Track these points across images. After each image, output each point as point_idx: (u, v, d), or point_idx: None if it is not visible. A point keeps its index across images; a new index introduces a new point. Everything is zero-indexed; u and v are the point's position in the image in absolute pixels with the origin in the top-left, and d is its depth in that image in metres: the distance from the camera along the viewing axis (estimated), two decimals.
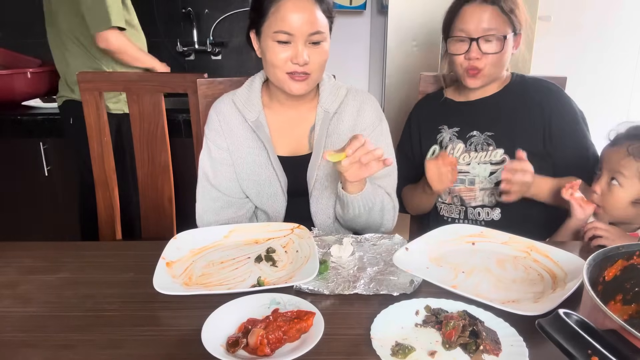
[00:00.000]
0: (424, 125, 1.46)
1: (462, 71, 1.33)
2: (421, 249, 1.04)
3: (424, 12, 2.12)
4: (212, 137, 1.29)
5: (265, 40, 1.17)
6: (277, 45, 1.15)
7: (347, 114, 1.27)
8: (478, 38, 1.28)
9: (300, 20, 1.13)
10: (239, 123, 1.27)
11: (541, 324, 0.60)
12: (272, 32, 1.14)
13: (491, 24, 1.27)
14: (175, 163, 1.60)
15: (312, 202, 1.28)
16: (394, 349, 0.72)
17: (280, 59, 1.15)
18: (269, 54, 1.16)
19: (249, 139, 1.27)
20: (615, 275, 0.76)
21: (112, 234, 1.62)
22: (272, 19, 1.14)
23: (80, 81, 1.51)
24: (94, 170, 1.58)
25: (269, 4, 1.14)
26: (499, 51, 1.29)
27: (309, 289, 0.89)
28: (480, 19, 1.27)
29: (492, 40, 1.28)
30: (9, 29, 2.66)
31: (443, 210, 1.44)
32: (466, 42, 1.30)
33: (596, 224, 1.13)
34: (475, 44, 1.28)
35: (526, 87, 1.38)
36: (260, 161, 1.27)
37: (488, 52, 1.29)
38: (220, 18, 2.68)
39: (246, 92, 1.29)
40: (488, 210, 1.37)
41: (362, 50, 2.84)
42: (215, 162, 1.28)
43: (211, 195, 1.29)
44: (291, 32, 1.13)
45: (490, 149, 1.35)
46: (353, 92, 1.30)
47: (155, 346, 0.76)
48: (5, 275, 0.98)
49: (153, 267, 0.95)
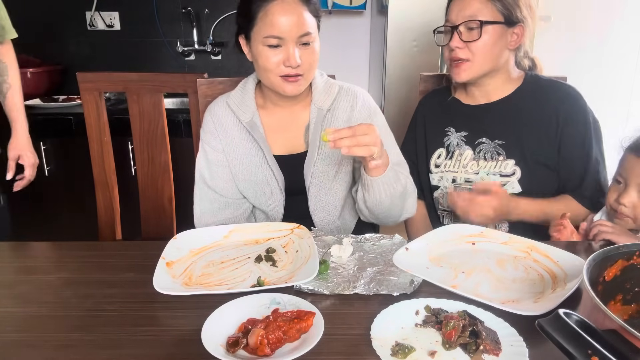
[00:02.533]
0: (430, 123, 1.41)
1: (448, 64, 1.28)
2: (421, 249, 1.04)
3: (424, 12, 2.12)
4: (207, 140, 1.30)
5: (255, 45, 1.17)
6: (269, 49, 1.15)
7: (340, 110, 1.28)
8: (458, 25, 1.22)
9: (290, 23, 1.13)
10: (233, 124, 1.28)
11: (541, 324, 0.60)
12: (263, 37, 1.14)
13: (473, 11, 1.21)
14: (175, 163, 1.60)
15: (310, 200, 1.29)
16: (394, 349, 0.72)
17: (273, 63, 1.15)
18: (261, 58, 1.17)
19: (244, 140, 1.28)
20: (615, 275, 0.76)
21: (112, 234, 1.62)
22: (261, 24, 1.14)
23: (80, 81, 1.51)
24: (94, 170, 1.58)
25: (257, 9, 1.14)
26: (478, 38, 1.21)
27: (309, 289, 0.89)
28: (463, 6, 1.22)
29: (474, 28, 1.21)
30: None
31: (446, 219, 1.41)
32: (449, 32, 1.25)
33: (601, 221, 1.12)
34: (457, 33, 1.23)
35: (541, 90, 1.30)
36: (256, 161, 1.27)
37: (468, 40, 1.22)
38: (220, 18, 2.69)
39: (240, 94, 1.29)
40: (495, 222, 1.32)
41: (362, 50, 2.84)
42: (211, 164, 1.29)
43: (208, 196, 1.29)
44: (281, 36, 1.13)
45: (501, 159, 1.30)
46: (345, 89, 1.31)
47: (155, 346, 0.76)
48: (5, 275, 0.98)
49: (153, 267, 0.95)
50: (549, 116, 1.27)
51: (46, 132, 2.23)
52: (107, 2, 2.65)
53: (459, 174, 1.35)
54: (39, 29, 2.67)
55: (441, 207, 1.41)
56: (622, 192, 1.14)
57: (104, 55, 2.73)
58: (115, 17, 2.69)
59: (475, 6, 1.22)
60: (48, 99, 2.45)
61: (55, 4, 2.64)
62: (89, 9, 2.66)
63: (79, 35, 2.70)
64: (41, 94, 2.51)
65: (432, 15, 2.08)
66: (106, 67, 2.64)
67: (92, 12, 2.67)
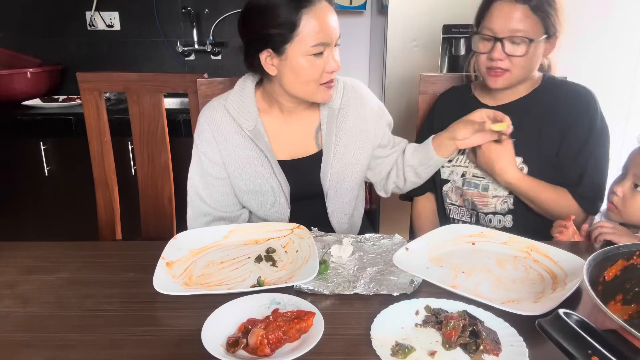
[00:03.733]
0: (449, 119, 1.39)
1: (484, 70, 1.27)
2: (421, 249, 1.04)
3: (424, 12, 2.11)
4: (203, 149, 1.22)
5: (293, 58, 1.09)
6: (314, 58, 1.09)
7: (351, 108, 1.26)
8: (503, 38, 1.20)
9: (334, 25, 1.09)
10: (234, 132, 1.20)
11: (541, 324, 0.60)
12: (310, 46, 1.07)
13: (519, 25, 1.18)
14: (175, 163, 1.60)
15: (329, 202, 1.26)
16: (394, 349, 0.72)
17: (317, 72, 1.10)
18: (304, 71, 1.10)
19: (247, 149, 1.21)
20: (615, 275, 0.76)
21: (112, 234, 1.62)
22: (305, 33, 1.07)
23: (80, 81, 1.51)
24: (94, 170, 1.58)
25: (297, 18, 1.06)
26: (523, 54, 1.20)
27: (309, 289, 0.89)
28: (508, 18, 1.18)
29: (518, 43, 1.19)
30: (9, 29, 2.66)
31: (453, 212, 1.41)
32: (491, 41, 1.22)
33: (603, 223, 1.12)
34: (500, 45, 1.20)
35: (557, 92, 1.31)
36: (261, 172, 1.21)
37: (513, 55, 1.20)
38: (220, 18, 2.68)
39: (238, 98, 1.21)
40: (500, 217, 1.33)
41: (362, 50, 2.84)
42: (208, 177, 1.23)
43: (201, 210, 1.24)
44: (329, 42, 1.09)
45: None
46: (349, 85, 1.29)
47: (155, 346, 0.76)
48: (5, 275, 0.98)
49: (153, 267, 0.95)
50: (562, 116, 1.28)
51: (46, 132, 2.23)
52: (107, 2, 2.65)
53: (469, 169, 1.36)
54: (39, 29, 2.67)
55: (449, 200, 1.42)
56: (619, 181, 1.15)
57: (104, 55, 2.72)
58: (115, 17, 2.69)
59: (520, 19, 1.18)
60: (48, 99, 2.45)
61: (55, 4, 2.63)
62: (89, 9, 2.66)
63: (79, 35, 2.70)
64: (41, 94, 2.51)
65: (432, 15, 2.08)
66: (106, 67, 2.64)
67: (92, 12, 2.66)
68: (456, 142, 1.24)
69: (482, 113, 1.19)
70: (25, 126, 2.23)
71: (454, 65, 2.19)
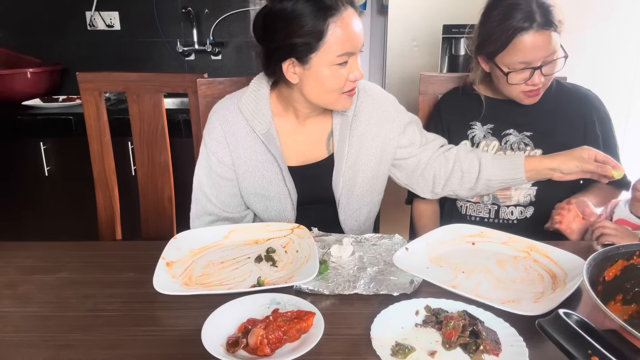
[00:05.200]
0: (454, 118, 1.41)
1: (518, 93, 1.27)
2: (421, 249, 1.04)
3: (424, 12, 2.11)
4: (213, 149, 1.20)
5: (318, 67, 1.06)
6: (339, 67, 1.07)
7: (363, 113, 1.23)
8: (541, 66, 1.21)
9: (358, 33, 1.07)
10: (246, 134, 1.18)
11: (541, 324, 0.60)
12: (336, 56, 1.05)
13: (550, 49, 1.20)
14: (175, 163, 1.60)
15: (341, 209, 1.24)
16: (394, 349, 0.72)
17: (341, 82, 1.08)
18: (329, 80, 1.07)
19: (258, 152, 1.18)
20: (615, 275, 0.76)
21: (112, 234, 1.62)
22: (332, 42, 1.04)
23: (80, 81, 1.51)
24: (94, 170, 1.58)
25: (324, 27, 1.02)
26: (560, 69, 1.24)
27: (309, 289, 0.89)
28: (538, 47, 1.19)
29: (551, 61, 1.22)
30: (9, 29, 2.66)
31: (469, 209, 1.40)
32: (527, 71, 1.22)
33: (604, 222, 1.12)
34: (538, 71, 1.21)
35: (566, 91, 1.35)
36: (270, 177, 1.19)
37: (550, 74, 1.23)
38: (220, 18, 2.68)
39: (253, 100, 1.18)
40: (522, 209, 1.35)
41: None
42: (215, 176, 1.21)
43: (206, 209, 1.23)
44: (354, 51, 1.07)
45: (528, 149, 1.32)
46: (362, 89, 1.25)
47: (155, 346, 0.76)
48: (5, 275, 0.98)
49: (153, 267, 0.95)
50: (574, 112, 1.33)
51: (46, 132, 2.23)
52: (107, 2, 2.65)
53: None
54: (39, 29, 2.67)
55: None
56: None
57: (104, 55, 2.72)
58: (115, 17, 2.69)
59: (549, 42, 1.19)
60: (48, 99, 2.45)
61: (55, 4, 2.63)
62: (89, 9, 2.66)
63: (79, 35, 2.70)
64: (41, 94, 2.51)
65: (432, 15, 2.08)
66: (106, 67, 2.63)
67: (92, 12, 2.66)
68: (559, 174, 1.19)
69: (597, 155, 1.15)
70: (25, 126, 2.23)
71: (454, 65, 2.19)
